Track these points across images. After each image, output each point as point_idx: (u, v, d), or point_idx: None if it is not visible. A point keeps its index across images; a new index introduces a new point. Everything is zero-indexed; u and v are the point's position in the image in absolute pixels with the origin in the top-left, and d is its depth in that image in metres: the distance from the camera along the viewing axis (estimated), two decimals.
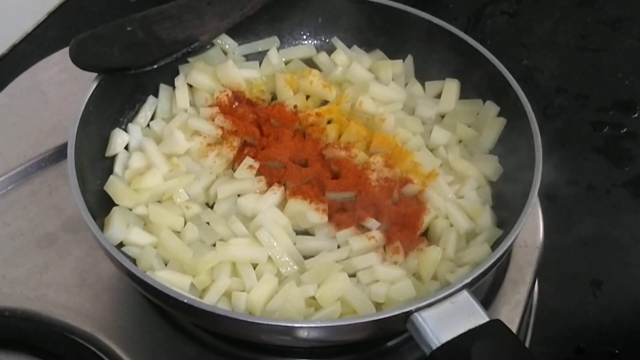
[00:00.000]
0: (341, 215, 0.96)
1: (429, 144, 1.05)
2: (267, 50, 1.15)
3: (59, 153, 1.09)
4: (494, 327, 0.78)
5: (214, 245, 0.93)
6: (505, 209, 0.97)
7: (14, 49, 1.40)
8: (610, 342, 1.04)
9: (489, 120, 1.05)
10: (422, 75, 1.13)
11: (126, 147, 1.02)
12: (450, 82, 1.10)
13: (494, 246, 0.91)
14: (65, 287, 0.96)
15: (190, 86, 1.09)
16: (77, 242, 1.00)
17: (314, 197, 0.96)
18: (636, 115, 1.33)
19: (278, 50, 1.16)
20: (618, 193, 1.21)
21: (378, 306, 0.89)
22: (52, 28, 1.45)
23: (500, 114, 1.05)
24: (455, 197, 0.99)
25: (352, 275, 0.91)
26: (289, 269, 0.91)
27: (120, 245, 0.92)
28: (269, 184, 0.98)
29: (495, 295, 0.96)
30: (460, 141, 1.06)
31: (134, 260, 0.91)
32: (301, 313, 0.86)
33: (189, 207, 0.97)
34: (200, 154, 1.01)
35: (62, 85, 1.18)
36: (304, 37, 1.18)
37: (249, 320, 0.80)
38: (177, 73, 1.09)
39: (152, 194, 0.97)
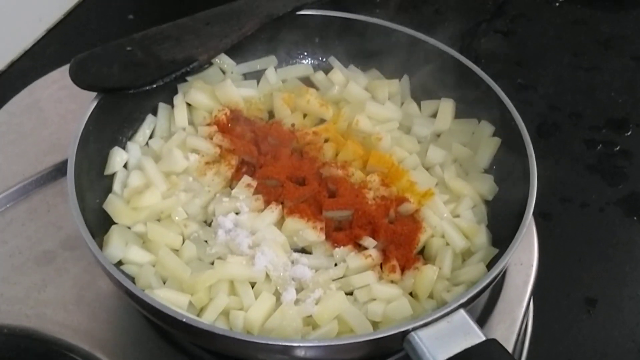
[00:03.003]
0: (338, 234, 0.97)
1: (424, 163, 1.06)
2: (265, 69, 1.16)
3: (58, 171, 1.09)
4: (490, 347, 0.78)
5: (212, 263, 0.93)
6: (501, 227, 0.98)
7: (13, 65, 1.41)
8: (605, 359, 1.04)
9: (484, 139, 1.06)
10: (418, 94, 1.15)
11: (125, 166, 1.03)
12: (445, 102, 1.11)
13: (490, 265, 0.92)
14: (63, 304, 0.97)
15: (188, 105, 1.10)
16: (75, 260, 1.01)
17: (311, 215, 0.97)
18: (629, 133, 1.34)
19: (276, 69, 1.17)
20: (612, 211, 1.22)
21: (375, 325, 0.89)
22: (51, 45, 1.46)
23: (495, 133, 1.06)
24: (451, 216, 1.00)
25: (349, 294, 0.92)
26: (286, 287, 0.92)
27: (119, 263, 0.93)
28: (267, 202, 0.99)
29: (490, 313, 0.97)
30: (456, 160, 1.07)
31: (132, 279, 0.92)
32: (299, 332, 0.87)
33: (187, 225, 0.97)
34: (199, 172, 1.02)
35: (60, 103, 1.19)
36: (301, 56, 1.19)
37: (247, 339, 0.80)
38: (175, 92, 1.10)
39: (151, 212, 0.98)
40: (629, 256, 1.16)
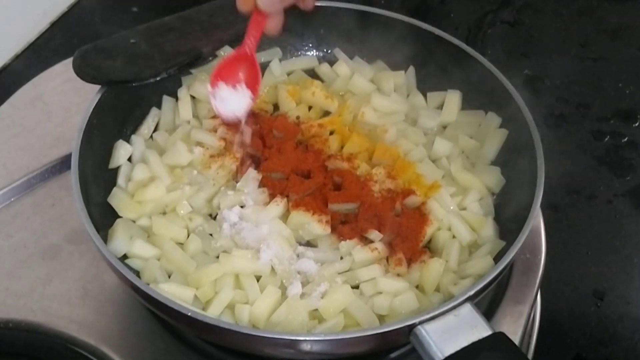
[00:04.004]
0: (344, 227, 0.97)
1: (431, 155, 1.06)
2: (270, 62, 1.15)
3: (62, 164, 1.09)
4: (497, 340, 0.78)
5: (217, 257, 0.93)
6: (508, 220, 0.97)
7: (17, 59, 1.40)
8: (613, 352, 1.04)
9: (491, 131, 1.05)
10: (424, 86, 1.14)
11: (129, 159, 1.03)
12: (452, 93, 1.10)
13: (497, 258, 0.92)
14: (68, 299, 0.96)
15: (193, 98, 1.09)
16: (80, 253, 1.00)
17: (316, 208, 0.97)
18: (637, 124, 1.33)
19: (280, 62, 1.16)
20: (619, 202, 1.21)
21: (381, 318, 0.89)
22: (55, 38, 1.45)
23: (502, 125, 1.05)
24: (458, 209, 0.99)
25: (355, 287, 0.92)
26: (291, 280, 0.91)
27: (124, 257, 0.93)
28: (272, 196, 0.99)
29: (497, 306, 0.96)
30: (462, 152, 1.07)
31: (137, 273, 0.92)
32: (304, 325, 0.87)
33: (192, 218, 0.97)
34: (203, 166, 1.01)
35: (65, 96, 1.18)
36: (306, 48, 1.19)
37: (252, 333, 0.80)
38: (179, 84, 1.10)
39: (155, 205, 0.97)
40: (637, 248, 1.15)
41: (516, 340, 0.93)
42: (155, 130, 1.08)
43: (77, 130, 0.95)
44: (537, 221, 1.04)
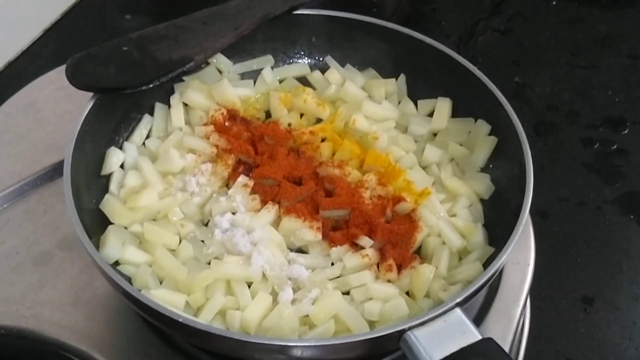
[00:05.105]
0: (335, 233, 0.97)
1: (421, 162, 1.06)
2: (262, 69, 1.16)
3: (55, 171, 1.09)
4: (486, 346, 0.78)
5: (209, 263, 0.93)
6: (497, 226, 0.98)
7: (10, 66, 1.41)
8: (602, 358, 1.04)
9: (481, 138, 1.06)
10: (415, 93, 1.15)
11: (122, 166, 1.03)
12: (442, 101, 1.11)
13: (486, 264, 0.92)
14: (60, 305, 0.96)
15: (185, 105, 1.10)
16: (72, 260, 1.00)
17: (308, 215, 0.97)
18: (626, 131, 1.34)
19: (272, 69, 1.17)
20: (609, 209, 1.22)
21: (372, 324, 0.89)
22: (48, 45, 1.46)
23: (491, 133, 1.06)
24: (448, 215, 1.00)
25: (346, 293, 0.92)
26: (283, 286, 0.92)
27: (116, 263, 0.93)
28: (264, 202, 0.99)
29: (487, 312, 0.97)
30: (452, 159, 1.07)
31: (129, 279, 0.92)
32: (295, 331, 0.87)
33: (184, 225, 0.97)
34: (196, 172, 1.02)
35: (57, 104, 1.19)
36: (298, 55, 1.19)
37: (243, 339, 0.80)
38: (172, 92, 1.10)
39: (148, 212, 0.98)
40: (625, 254, 1.16)
41: (505, 346, 0.93)
42: (147, 137, 1.08)
43: (69, 137, 0.95)
44: (527, 227, 1.04)
